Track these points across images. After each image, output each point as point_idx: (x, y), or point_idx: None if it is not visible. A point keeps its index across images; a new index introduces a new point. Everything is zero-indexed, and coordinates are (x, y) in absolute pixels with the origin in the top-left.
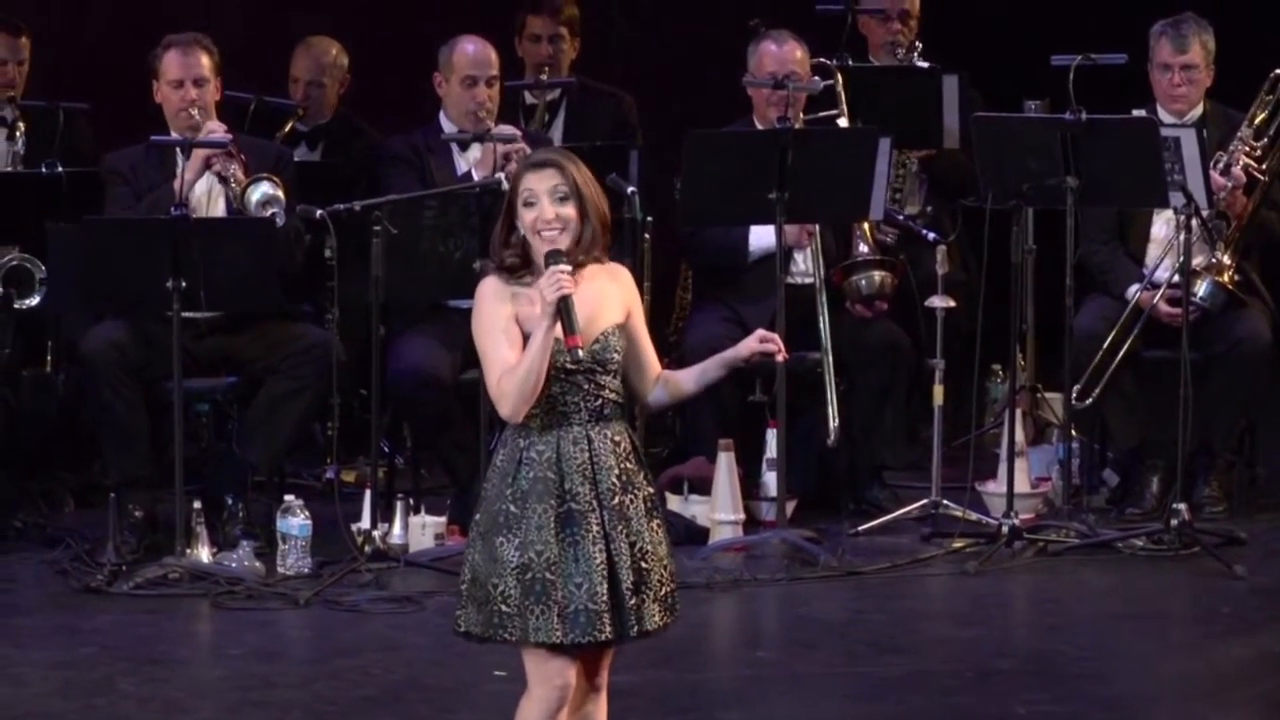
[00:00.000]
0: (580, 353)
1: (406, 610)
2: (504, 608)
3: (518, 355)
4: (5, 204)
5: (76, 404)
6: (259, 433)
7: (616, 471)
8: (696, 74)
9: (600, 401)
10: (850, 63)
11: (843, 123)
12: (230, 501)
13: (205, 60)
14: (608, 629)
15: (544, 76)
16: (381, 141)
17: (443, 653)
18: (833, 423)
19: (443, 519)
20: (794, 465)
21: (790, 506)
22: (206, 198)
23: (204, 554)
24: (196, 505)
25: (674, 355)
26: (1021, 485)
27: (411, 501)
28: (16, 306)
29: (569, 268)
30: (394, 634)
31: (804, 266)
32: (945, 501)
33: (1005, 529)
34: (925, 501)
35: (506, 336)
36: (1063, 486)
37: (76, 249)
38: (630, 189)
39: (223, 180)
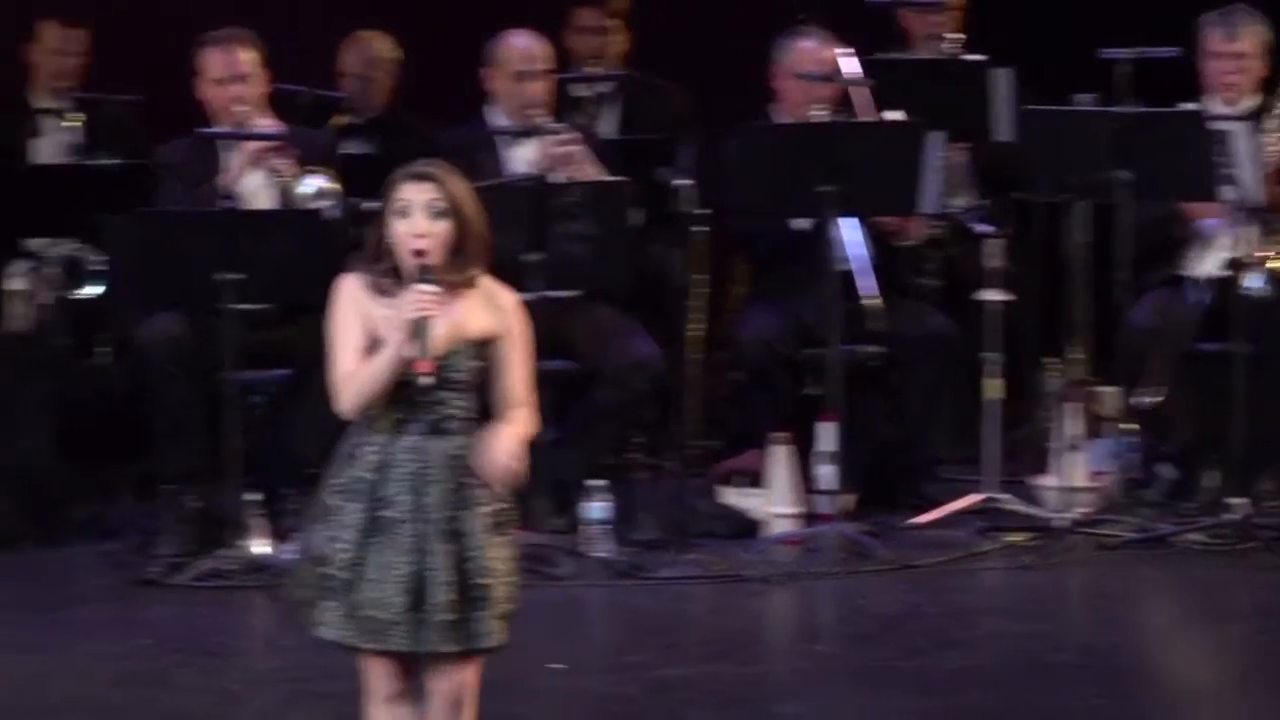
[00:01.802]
0: (430, 379)
1: None
2: (307, 594)
3: (356, 355)
4: (60, 196)
5: (132, 396)
6: (313, 425)
7: (448, 486)
8: (741, 67)
9: (439, 417)
10: (900, 56)
11: (894, 115)
12: (286, 493)
13: (247, 56)
14: (396, 640)
15: (593, 69)
16: (431, 136)
17: None
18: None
19: None
20: (849, 459)
21: (846, 500)
22: (257, 192)
23: (260, 546)
24: (252, 497)
25: (728, 350)
26: (1077, 479)
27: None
28: (75, 297)
29: (435, 289)
30: None
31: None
32: (1000, 496)
33: (1060, 523)
34: (980, 496)
35: (352, 336)
36: (1119, 481)
37: (130, 241)
38: (680, 182)
39: (273, 174)
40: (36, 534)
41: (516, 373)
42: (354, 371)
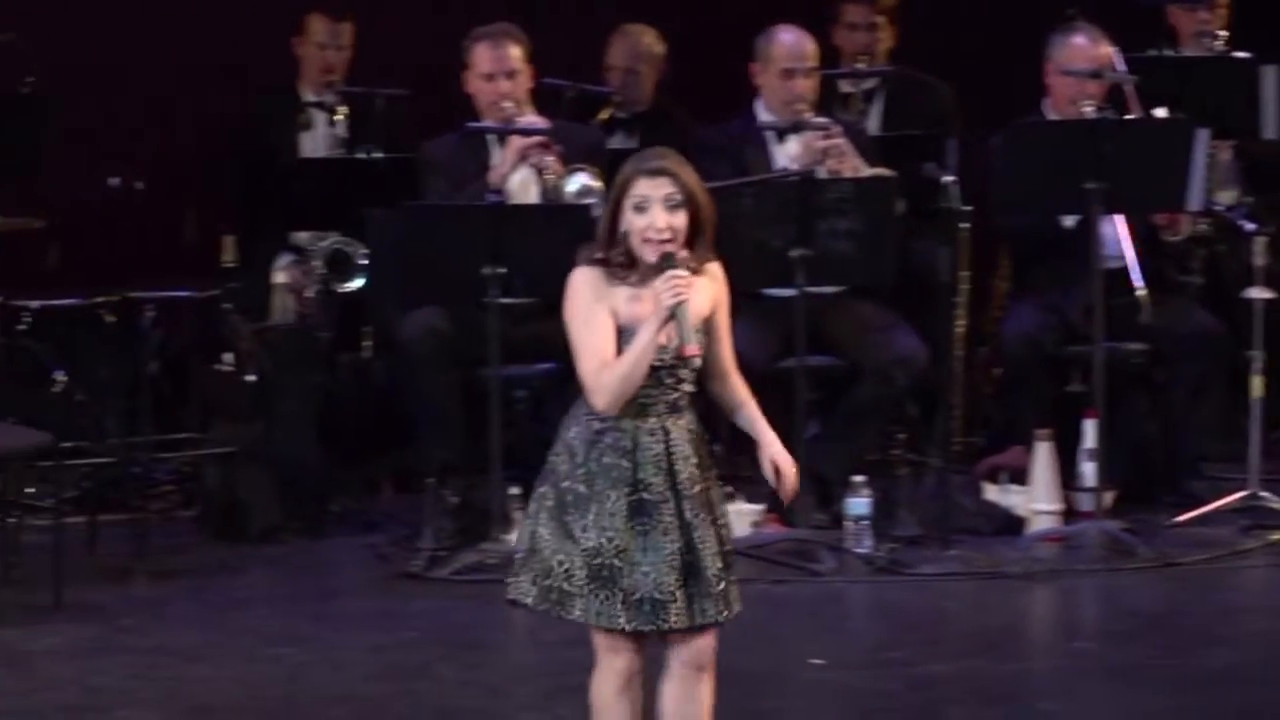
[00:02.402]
0: (697, 361)
1: None
2: (567, 586)
3: (610, 347)
4: (325, 189)
5: (393, 389)
6: None
7: (696, 460)
8: (1005, 62)
9: (677, 395)
10: (1168, 53)
11: (1161, 113)
12: None
13: (515, 51)
14: (673, 618)
15: (860, 65)
16: (697, 131)
17: (755, 640)
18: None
19: (760, 506)
20: (1112, 456)
21: (1108, 497)
22: (521, 189)
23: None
24: (513, 491)
25: (991, 345)
26: None
27: (729, 489)
28: (340, 289)
29: (686, 273)
30: None
31: (1116, 249)
32: (1264, 493)
33: None
34: (1244, 493)
35: (602, 328)
36: None
37: (394, 235)
38: (946, 178)
39: (538, 172)
40: (299, 527)
41: (726, 339)
42: (610, 365)
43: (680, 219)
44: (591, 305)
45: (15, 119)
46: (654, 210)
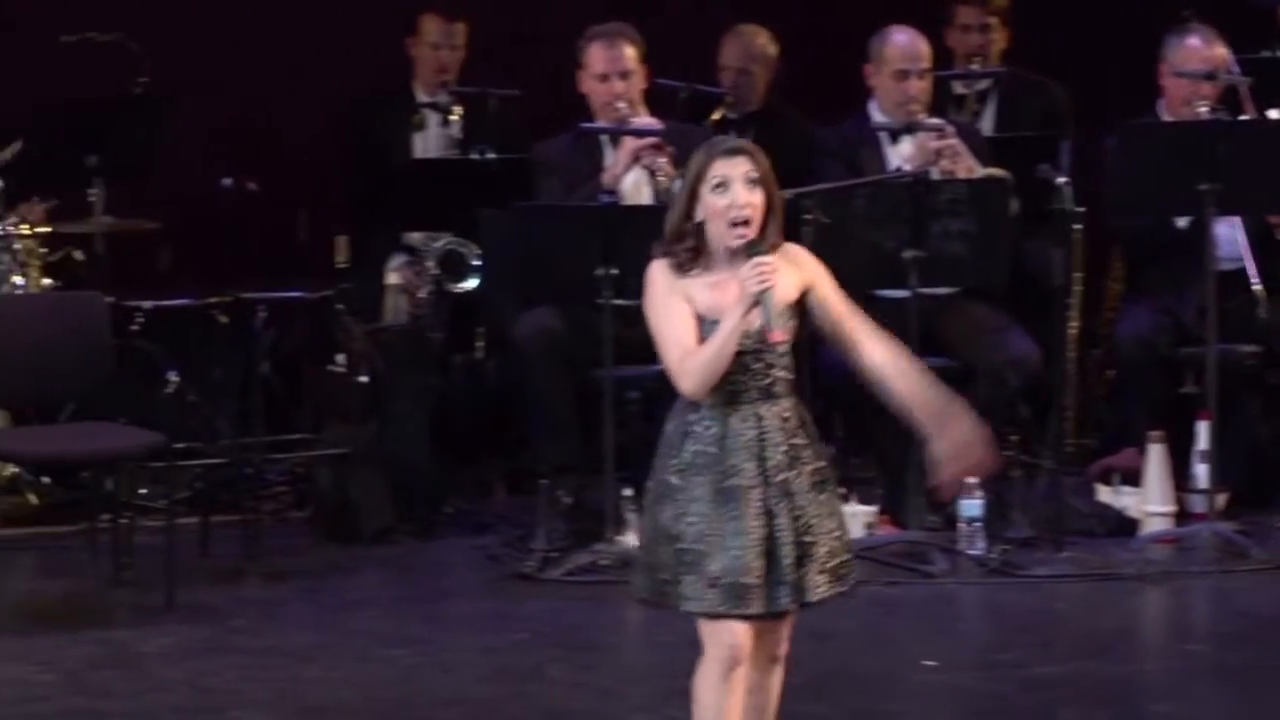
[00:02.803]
0: (781, 348)
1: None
2: (663, 575)
3: (690, 335)
4: (438, 189)
5: (506, 390)
6: None
7: (784, 448)
8: (1117, 63)
9: (769, 380)
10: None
11: (1275, 114)
12: None
13: (630, 52)
14: (757, 603)
15: (974, 66)
16: (811, 131)
17: (871, 642)
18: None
19: (874, 508)
20: (1225, 458)
21: (1221, 499)
22: (634, 190)
23: (634, 541)
24: (626, 492)
25: (1104, 347)
26: None
27: (843, 490)
28: (454, 289)
29: (770, 259)
30: (822, 623)
31: (1230, 251)
32: None
33: None
34: None
35: (680, 317)
36: None
37: (507, 235)
38: (1061, 179)
39: (650, 173)
40: (412, 528)
41: (843, 306)
42: (695, 351)
43: (759, 197)
44: (666, 296)
45: (129, 120)
46: (735, 188)
